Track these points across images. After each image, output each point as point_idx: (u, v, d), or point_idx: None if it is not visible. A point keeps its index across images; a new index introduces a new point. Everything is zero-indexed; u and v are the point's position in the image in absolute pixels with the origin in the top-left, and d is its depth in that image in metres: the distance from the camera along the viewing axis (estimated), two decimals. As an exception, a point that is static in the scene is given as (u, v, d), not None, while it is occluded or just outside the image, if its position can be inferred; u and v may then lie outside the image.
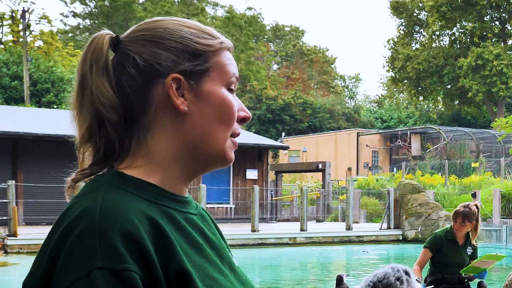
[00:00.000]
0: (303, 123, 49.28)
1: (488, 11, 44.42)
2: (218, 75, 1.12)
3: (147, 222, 1.00)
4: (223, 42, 1.14)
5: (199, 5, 56.17)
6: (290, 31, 69.31)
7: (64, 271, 0.95)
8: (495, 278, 12.71)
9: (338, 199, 30.25)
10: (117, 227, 0.96)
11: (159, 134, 1.09)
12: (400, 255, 19.03)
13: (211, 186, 22.21)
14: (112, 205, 0.99)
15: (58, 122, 22.55)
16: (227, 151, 1.13)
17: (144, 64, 1.08)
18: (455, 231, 6.00)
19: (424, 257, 6.06)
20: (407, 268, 2.79)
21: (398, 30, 49.06)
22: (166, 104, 1.08)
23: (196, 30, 1.13)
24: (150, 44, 1.09)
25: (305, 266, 16.49)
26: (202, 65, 1.10)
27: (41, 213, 20.65)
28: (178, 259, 1.00)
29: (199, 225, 1.11)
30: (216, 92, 1.11)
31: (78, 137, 1.10)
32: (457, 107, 49.50)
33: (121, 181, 1.05)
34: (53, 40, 42.99)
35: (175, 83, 1.08)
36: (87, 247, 0.95)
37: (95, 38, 1.10)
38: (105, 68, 1.08)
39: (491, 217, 21.28)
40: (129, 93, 1.08)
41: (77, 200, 1.04)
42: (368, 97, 71.51)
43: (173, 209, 1.07)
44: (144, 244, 0.97)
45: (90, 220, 0.97)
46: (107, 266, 0.93)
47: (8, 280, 13.13)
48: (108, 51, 1.09)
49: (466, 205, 5.98)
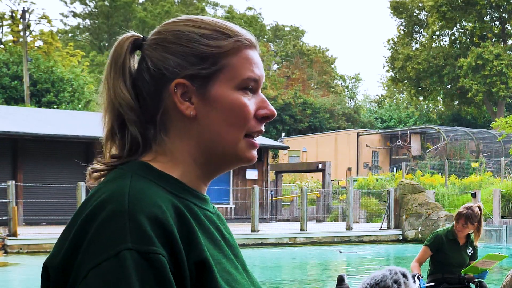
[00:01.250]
0: (303, 123, 49.29)
1: (488, 11, 44.42)
2: (228, 76, 1.10)
3: (173, 210, 1.02)
4: (239, 40, 1.12)
5: (199, 5, 56.17)
6: (290, 31, 69.31)
7: (91, 251, 0.95)
8: (497, 278, 12.70)
9: (338, 199, 30.25)
10: (146, 211, 0.97)
11: (174, 136, 1.11)
12: (400, 255, 19.03)
13: (211, 186, 21.91)
14: (140, 191, 1.01)
15: (58, 122, 22.56)
16: (242, 152, 1.12)
17: (154, 69, 1.10)
18: (456, 232, 5.99)
19: (424, 255, 6.07)
20: (404, 271, 2.79)
21: (398, 30, 49.05)
22: (174, 108, 1.10)
23: (209, 30, 1.12)
24: (160, 48, 1.11)
25: (305, 266, 16.49)
26: (210, 68, 1.10)
27: (41, 213, 20.65)
28: (200, 248, 1.01)
29: (216, 223, 1.12)
30: (225, 95, 1.10)
31: (104, 133, 1.13)
32: (457, 107, 49.49)
33: (146, 171, 1.07)
34: (53, 40, 42.95)
35: (180, 88, 1.09)
36: (116, 228, 0.95)
37: (119, 39, 1.13)
38: (122, 70, 1.11)
39: (491, 217, 21.27)
40: (145, 96, 1.11)
41: (103, 185, 1.05)
42: (368, 97, 71.54)
43: (194, 204, 1.09)
44: (171, 230, 0.98)
45: (119, 203, 0.98)
46: (137, 248, 0.94)
47: (8, 280, 13.13)
48: (127, 53, 1.12)
49: (469, 206, 5.97)
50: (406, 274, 2.77)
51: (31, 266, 14.28)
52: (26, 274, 13.55)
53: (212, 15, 59.10)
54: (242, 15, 55.56)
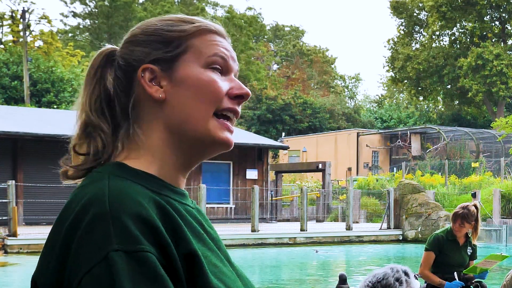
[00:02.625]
0: (303, 123, 49.28)
1: (488, 11, 44.42)
2: (194, 56, 1.13)
3: (155, 206, 1.01)
4: (200, 25, 1.15)
5: (199, 5, 56.15)
6: (290, 31, 69.31)
7: (79, 258, 0.94)
8: (497, 278, 12.70)
9: (338, 199, 30.25)
10: (128, 210, 0.97)
11: (147, 123, 1.12)
12: (400, 255, 19.03)
13: (211, 186, 22.21)
14: (120, 191, 1.01)
15: (58, 122, 22.55)
16: (213, 131, 1.12)
17: (124, 64, 1.13)
18: (455, 232, 5.98)
19: (429, 260, 5.95)
20: (406, 269, 2.78)
21: (398, 30, 49.05)
22: (144, 95, 1.12)
23: (173, 21, 1.16)
24: (128, 45, 1.15)
25: (305, 266, 16.48)
26: (174, 50, 1.12)
27: (41, 213, 20.64)
28: (188, 241, 1.01)
29: (197, 217, 1.12)
30: (192, 74, 1.12)
31: (74, 136, 1.16)
32: (457, 107, 49.49)
33: (123, 171, 1.07)
34: (53, 40, 42.96)
35: (147, 73, 1.11)
36: (101, 232, 0.95)
37: (97, 52, 1.18)
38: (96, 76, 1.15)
39: (491, 217, 21.28)
40: (118, 93, 1.14)
41: (80, 190, 1.05)
42: (368, 97, 71.56)
43: (174, 199, 1.08)
44: (156, 225, 0.98)
45: (99, 206, 0.97)
46: (123, 248, 0.93)
47: (8, 280, 13.13)
48: (102, 61, 1.16)
49: (465, 206, 5.96)
50: (408, 272, 2.77)
51: (31, 266, 14.25)
52: (26, 274, 13.54)
53: (212, 15, 59.09)
54: (242, 15, 55.52)
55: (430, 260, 5.98)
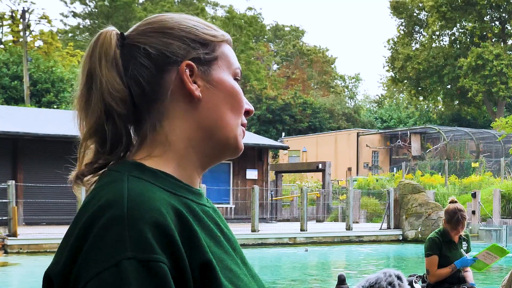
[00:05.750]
0: (303, 123, 49.30)
1: (488, 11, 44.42)
2: (225, 64, 1.15)
3: (173, 213, 1.00)
4: (224, 35, 1.18)
5: (199, 5, 56.14)
6: (290, 31, 69.31)
7: (89, 260, 0.93)
8: (497, 278, 12.71)
9: (338, 199, 30.25)
10: (147, 217, 0.95)
11: (175, 120, 1.10)
12: (400, 255, 19.03)
13: (211, 186, 22.20)
14: (139, 195, 0.98)
15: (58, 122, 22.55)
16: (239, 139, 1.15)
17: (156, 53, 1.10)
18: (453, 235, 5.99)
19: (434, 264, 5.91)
20: (399, 273, 2.79)
21: (398, 30, 49.06)
22: (180, 91, 1.10)
23: (200, 22, 1.16)
24: (159, 35, 1.11)
25: (305, 266, 16.48)
26: (211, 53, 1.13)
27: (41, 213, 20.65)
28: (203, 250, 1.00)
29: (214, 217, 1.11)
30: (227, 80, 1.14)
31: (83, 131, 1.10)
32: (457, 107, 49.49)
33: (141, 171, 1.05)
34: (53, 40, 42.98)
35: (188, 70, 1.11)
36: (116, 236, 0.93)
37: (102, 33, 1.12)
38: (115, 61, 1.09)
39: (491, 217, 21.27)
40: (142, 82, 1.09)
41: (98, 191, 1.02)
42: (368, 97, 71.55)
43: (192, 200, 1.07)
44: (172, 235, 0.96)
45: (118, 209, 0.95)
46: (137, 257, 0.92)
47: (8, 280, 13.13)
48: (117, 45, 1.10)
49: (454, 211, 5.92)
50: (400, 276, 2.77)
51: (31, 266, 14.29)
52: (26, 274, 13.55)
53: (212, 15, 59.12)
54: (242, 15, 55.49)
55: (435, 263, 5.93)
